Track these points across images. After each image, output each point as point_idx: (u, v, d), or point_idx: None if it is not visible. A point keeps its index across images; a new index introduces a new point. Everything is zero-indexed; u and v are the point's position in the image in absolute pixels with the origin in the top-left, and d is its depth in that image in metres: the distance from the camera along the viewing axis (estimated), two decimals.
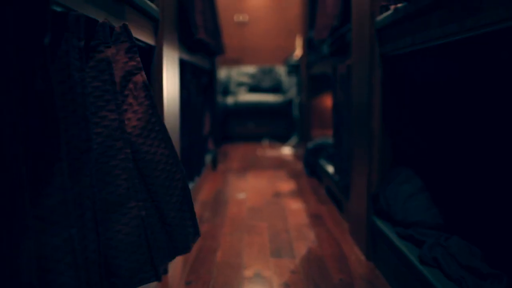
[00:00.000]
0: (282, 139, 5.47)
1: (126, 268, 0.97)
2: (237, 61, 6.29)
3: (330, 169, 2.78)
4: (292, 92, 5.42)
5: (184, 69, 2.40)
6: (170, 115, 1.63)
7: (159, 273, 1.03)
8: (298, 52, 4.80)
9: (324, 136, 3.80)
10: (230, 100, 5.65)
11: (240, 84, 6.07)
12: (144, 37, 1.35)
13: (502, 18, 0.84)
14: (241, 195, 2.87)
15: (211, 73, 3.85)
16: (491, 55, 1.55)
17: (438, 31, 1.15)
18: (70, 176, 0.78)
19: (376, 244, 1.71)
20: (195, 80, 2.81)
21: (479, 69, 1.65)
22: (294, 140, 5.12)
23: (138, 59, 1.05)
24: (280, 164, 4.13)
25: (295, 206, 2.63)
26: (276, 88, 5.97)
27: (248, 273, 1.66)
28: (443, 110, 1.75)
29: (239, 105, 5.56)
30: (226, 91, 5.96)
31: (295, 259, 1.79)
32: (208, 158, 3.54)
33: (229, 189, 3.07)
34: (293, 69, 5.13)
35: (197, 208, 2.52)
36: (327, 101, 3.83)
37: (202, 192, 2.91)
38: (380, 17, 1.62)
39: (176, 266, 1.70)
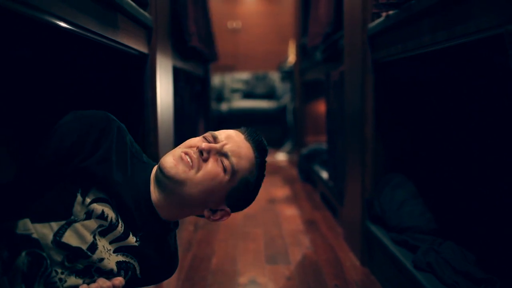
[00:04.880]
0: (276, 145, 5.47)
1: None
2: (231, 68, 6.29)
3: (325, 174, 2.78)
4: (286, 98, 5.43)
5: (178, 76, 2.40)
6: (163, 123, 1.63)
7: None
8: (291, 59, 4.82)
9: (318, 142, 3.81)
10: (224, 106, 5.65)
11: (234, 91, 6.08)
12: (137, 45, 1.35)
13: (491, 25, 0.85)
14: None
15: (205, 80, 3.84)
16: (483, 61, 1.57)
17: (428, 38, 1.16)
18: None
19: (371, 250, 1.71)
20: (188, 87, 2.81)
21: (472, 74, 1.66)
22: (288, 146, 5.13)
23: None
24: (274, 170, 4.13)
25: (290, 212, 2.63)
26: (270, 94, 5.98)
27: (243, 280, 1.66)
28: (436, 116, 1.76)
29: (233, 111, 5.56)
30: (220, 98, 5.96)
31: (290, 266, 1.79)
32: None
33: None
34: (287, 75, 5.14)
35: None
36: (321, 107, 3.84)
37: None
38: (372, 24, 1.63)
39: None
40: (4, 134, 0.93)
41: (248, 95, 6.01)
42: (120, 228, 0.94)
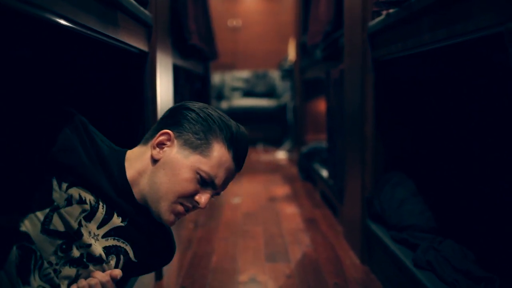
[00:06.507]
0: (277, 144, 5.48)
1: None
2: (231, 66, 6.29)
3: (325, 173, 2.79)
4: (286, 97, 5.43)
5: (178, 74, 2.40)
6: None
7: None
8: (291, 57, 4.82)
9: (318, 140, 3.81)
10: (224, 105, 5.65)
11: (234, 89, 6.08)
12: (137, 43, 1.35)
13: (491, 23, 0.85)
14: (236, 200, 2.87)
15: (205, 78, 3.84)
16: (483, 60, 1.57)
17: (428, 36, 1.16)
18: None
19: (370, 248, 1.72)
20: (188, 85, 2.81)
21: (472, 73, 1.66)
22: (288, 144, 5.13)
23: None
24: (274, 168, 4.14)
25: (290, 210, 2.64)
26: (270, 92, 5.98)
27: (243, 277, 1.66)
28: (436, 115, 1.76)
29: (233, 110, 5.56)
30: (220, 96, 5.96)
31: (290, 264, 1.79)
32: None
33: (224, 194, 3.05)
34: (287, 73, 5.14)
35: (192, 213, 2.51)
36: (321, 105, 3.84)
37: None
38: (372, 23, 1.63)
39: (171, 271, 1.69)
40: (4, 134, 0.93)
41: (248, 93, 6.01)
42: (102, 209, 0.95)
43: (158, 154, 1.01)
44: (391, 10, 1.43)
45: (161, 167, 1.00)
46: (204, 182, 1.00)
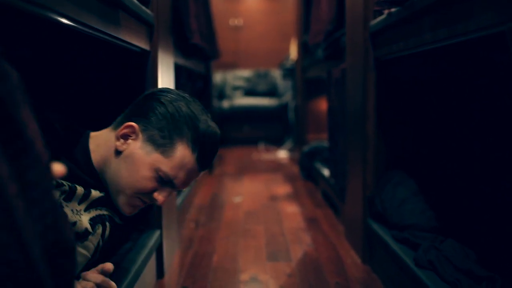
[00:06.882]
0: (278, 143, 5.47)
1: None
2: (233, 65, 6.29)
3: (326, 172, 2.79)
4: (288, 96, 5.43)
5: (179, 73, 2.40)
6: None
7: None
8: (293, 56, 4.82)
9: (319, 139, 3.81)
10: (225, 104, 5.65)
11: (236, 88, 6.08)
12: (138, 42, 1.35)
13: (491, 23, 0.85)
14: (237, 199, 2.87)
15: (206, 77, 3.85)
16: (485, 60, 1.56)
17: (430, 36, 1.16)
18: None
19: (372, 248, 1.72)
20: (190, 84, 2.81)
21: (474, 73, 1.66)
22: (289, 143, 5.13)
23: None
24: (275, 167, 4.14)
25: (291, 209, 2.64)
26: (271, 91, 5.98)
27: (244, 277, 1.66)
28: (437, 114, 1.76)
29: (234, 109, 5.56)
30: (222, 95, 5.96)
31: (292, 263, 1.79)
32: None
33: (225, 193, 3.07)
34: (289, 72, 5.14)
35: (193, 212, 2.52)
36: (323, 104, 3.84)
37: (198, 196, 2.92)
38: (373, 22, 1.63)
39: (172, 271, 1.70)
40: None
41: (249, 92, 6.01)
42: (80, 188, 0.96)
43: (122, 146, 1.01)
44: (392, 9, 1.43)
45: (123, 159, 1.00)
46: (163, 181, 1.00)
